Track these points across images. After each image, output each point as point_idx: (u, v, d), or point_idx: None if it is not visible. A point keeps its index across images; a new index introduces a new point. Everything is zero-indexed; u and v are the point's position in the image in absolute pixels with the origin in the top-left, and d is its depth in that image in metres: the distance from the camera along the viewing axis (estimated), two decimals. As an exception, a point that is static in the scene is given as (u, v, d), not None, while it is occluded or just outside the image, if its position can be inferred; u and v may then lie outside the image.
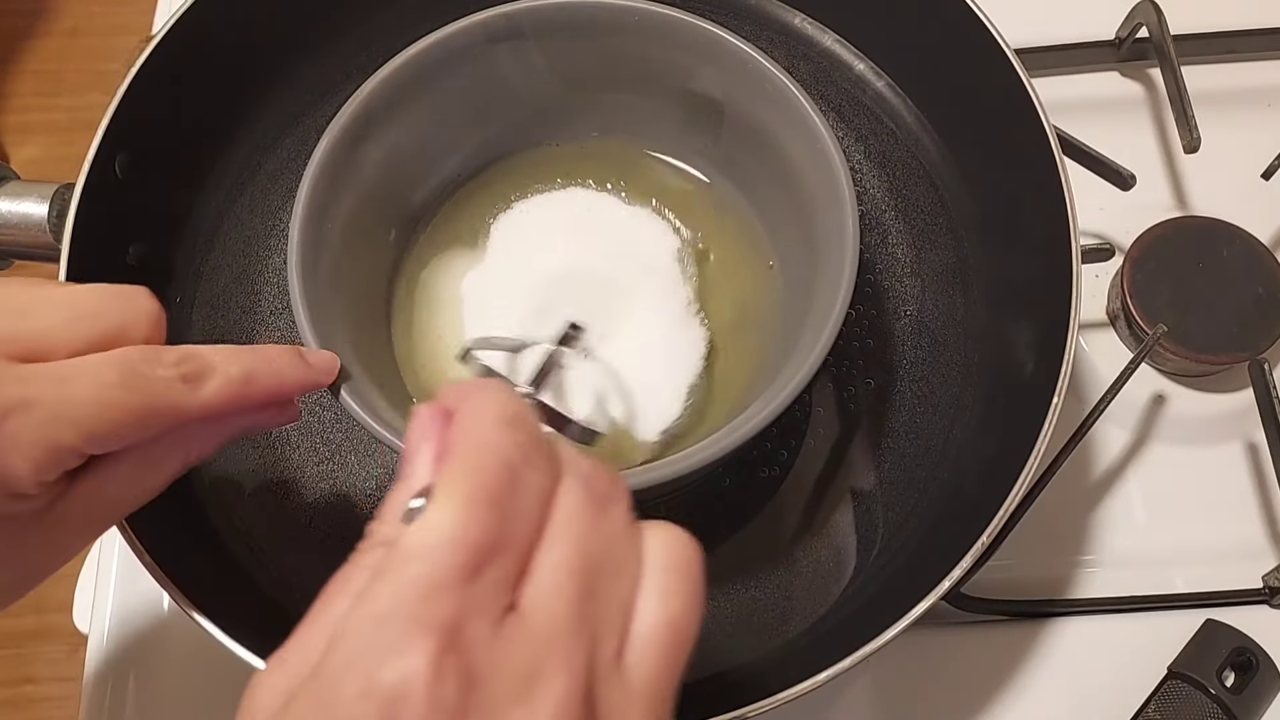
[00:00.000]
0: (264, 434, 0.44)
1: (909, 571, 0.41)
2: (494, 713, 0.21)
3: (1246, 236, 0.51)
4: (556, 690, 0.21)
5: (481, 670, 0.21)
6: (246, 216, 0.47)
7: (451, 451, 0.23)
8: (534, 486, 0.23)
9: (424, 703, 0.20)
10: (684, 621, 0.24)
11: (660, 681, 0.23)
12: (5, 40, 1.19)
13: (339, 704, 0.20)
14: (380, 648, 0.21)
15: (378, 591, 0.21)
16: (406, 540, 0.22)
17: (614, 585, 0.23)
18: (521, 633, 0.22)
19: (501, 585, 0.22)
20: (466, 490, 0.22)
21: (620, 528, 0.24)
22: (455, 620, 0.21)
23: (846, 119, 0.48)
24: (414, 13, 0.44)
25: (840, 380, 0.44)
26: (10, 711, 0.95)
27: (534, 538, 0.23)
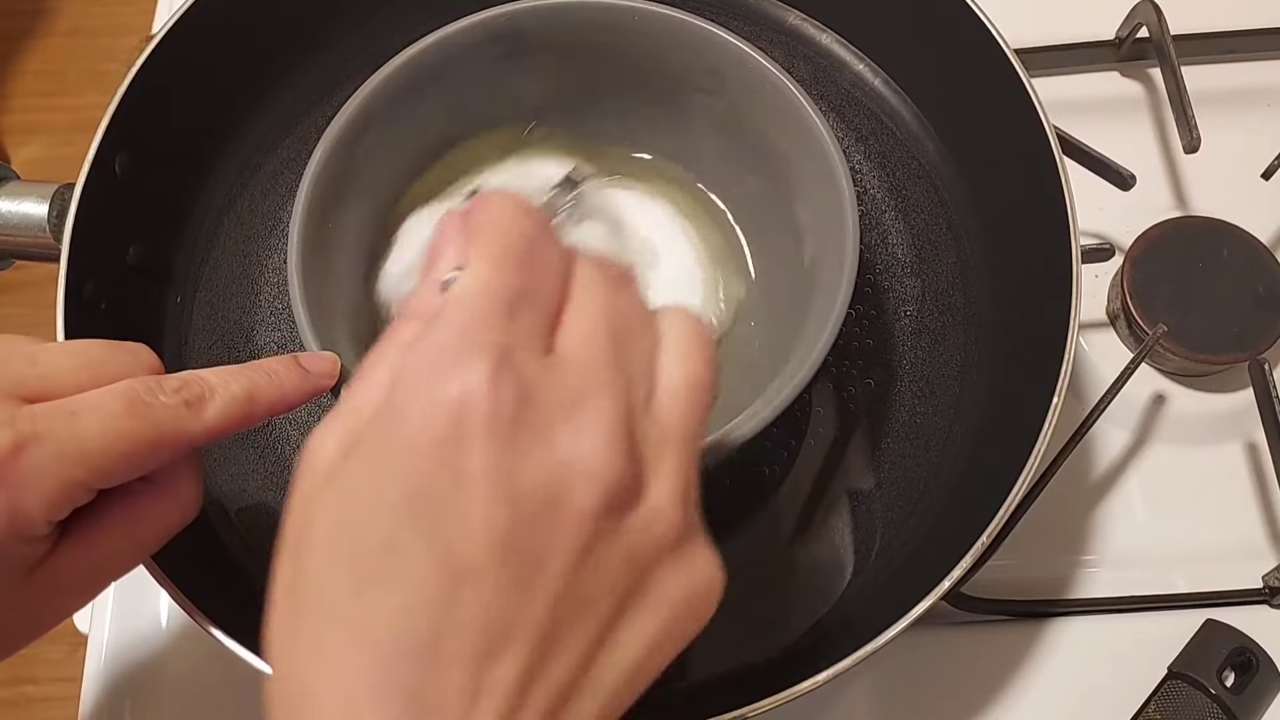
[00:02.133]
0: (264, 434, 0.44)
1: (909, 571, 0.41)
2: (547, 426, 0.23)
3: (1246, 236, 0.51)
4: (601, 412, 0.24)
5: (532, 390, 0.23)
6: (246, 216, 0.47)
7: (478, 232, 0.26)
8: (553, 257, 0.26)
9: (486, 408, 0.23)
10: (704, 380, 0.26)
11: (688, 426, 0.26)
12: (5, 40, 1.19)
13: (409, 421, 0.23)
14: (442, 369, 0.23)
15: (431, 332, 0.24)
16: (449, 295, 0.25)
17: (637, 344, 0.26)
18: (562, 368, 0.24)
19: (538, 328, 0.25)
20: (494, 253, 0.25)
21: (636, 300, 0.27)
22: (504, 345, 0.24)
23: (846, 119, 0.48)
24: (414, 13, 0.44)
25: (840, 380, 0.44)
26: (10, 711, 0.95)
27: (560, 300, 0.26)
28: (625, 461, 0.24)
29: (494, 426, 0.23)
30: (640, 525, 0.24)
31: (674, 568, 0.25)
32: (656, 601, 0.25)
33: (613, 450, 0.23)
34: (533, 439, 0.23)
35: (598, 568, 0.23)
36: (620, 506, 0.24)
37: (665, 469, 0.25)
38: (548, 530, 0.23)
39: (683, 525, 0.25)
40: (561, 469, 0.23)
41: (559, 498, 0.23)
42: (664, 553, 0.25)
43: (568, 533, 0.23)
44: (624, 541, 0.24)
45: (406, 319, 0.26)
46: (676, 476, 0.25)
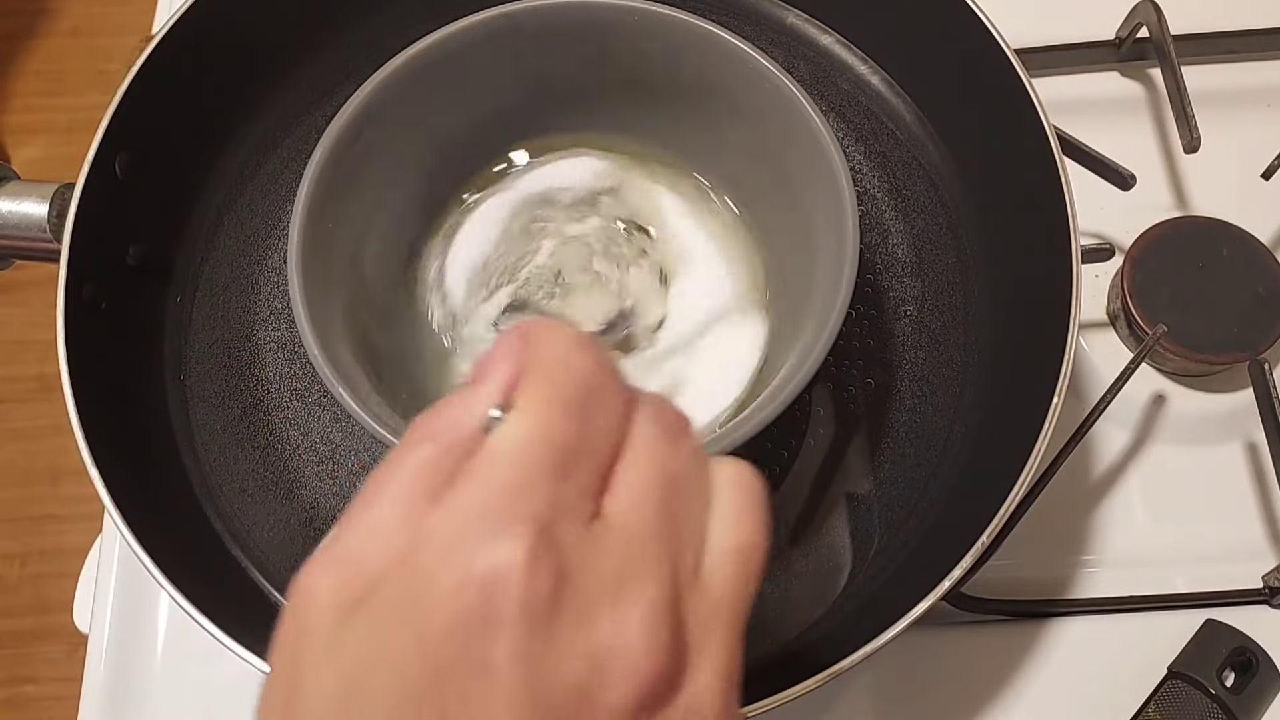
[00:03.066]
0: (264, 434, 0.44)
1: (909, 571, 0.41)
2: (586, 609, 0.21)
3: (1246, 236, 0.51)
4: (647, 593, 0.22)
5: (573, 568, 0.21)
6: (246, 216, 0.47)
7: (532, 368, 0.23)
8: (612, 405, 0.24)
9: (520, 593, 0.20)
10: (755, 547, 0.24)
11: (738, 597, 0.24)
12: (5, 40, 1.19)
13: (433, 595, 0.21)
14: (474, 540, 0.21)
15: (466, 489, 0.22)
16: (492, 443, 0.22)
17: (689, 506, 0.24)
18: (609, 538, 0.22)
19: (587, 491, 0.23)
20: (550, 398, 0.23)
21: (692, 455, 0.25)
22: (547, 517, 0.21)
23: (846, 119, 0.48)
24: (414, 13, 0.44)
25: (840, 380, 0.44)
26: (10, 711, 0.95)
27: (614, 454, 0.23)
28: (667, 652, 0.21)
29: (527, 613, 0.20)
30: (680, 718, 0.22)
31: None
32: None
33: (655, 641, 0.21)
34: (569, 626, 0.21)
35: None
36: (659, 701, 0.21)
37: (710, 652, 0.22)
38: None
39: (722, 715, 0.23)
40: (597, 661, 0.21)
41: (592, 693, 0.21)
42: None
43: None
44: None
45: (427, 441, 0.23)
46: (721, 661, 0.23)
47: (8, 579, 0.98)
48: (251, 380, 0.45)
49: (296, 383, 0.45)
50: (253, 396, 0.44)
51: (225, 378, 0.45)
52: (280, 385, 0.45)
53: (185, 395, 0.44)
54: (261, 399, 0.44)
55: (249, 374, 0.45)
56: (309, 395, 0.44)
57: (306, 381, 0.44)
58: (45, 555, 0.98)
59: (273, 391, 0.45)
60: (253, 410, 0.44)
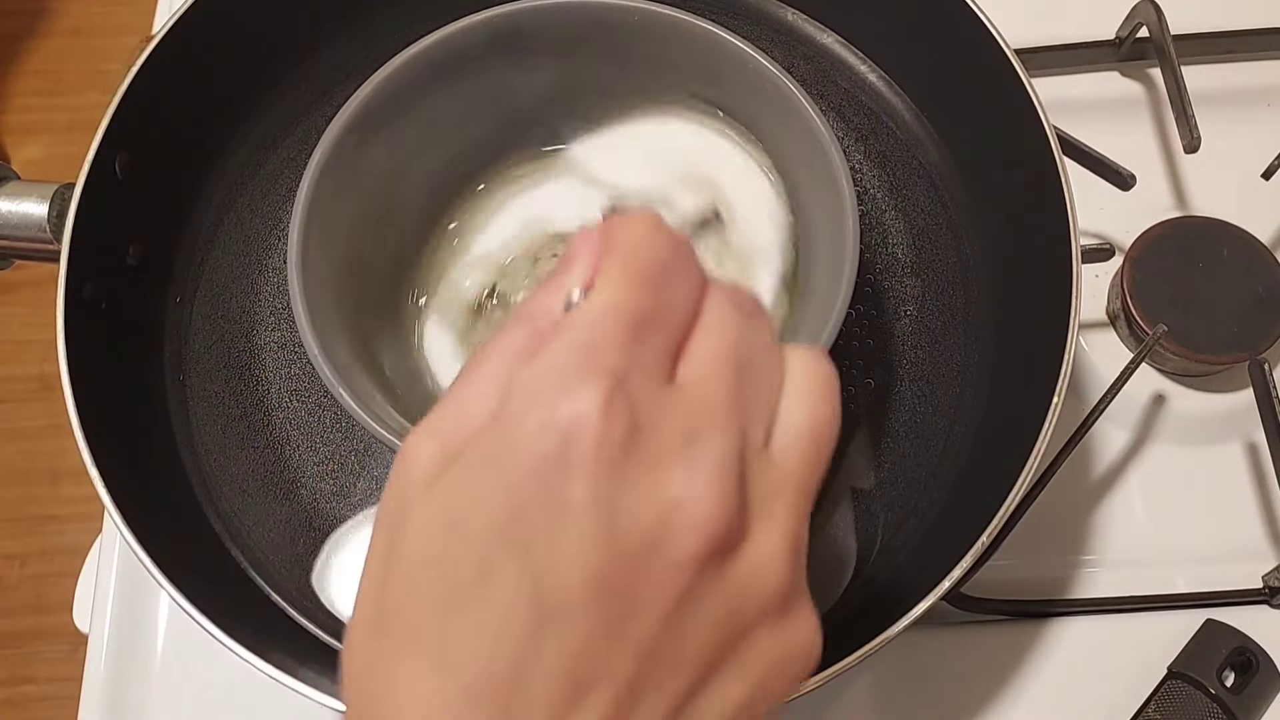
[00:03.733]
0: (264, 434, 0.44)
1: (909, 571, 0.41)
2: (656, 460, 0.22)
3: (1246, 236, 0.51)
4: (714, 451, 0.23)
5: (645, 420, 0.22)
6: (246, 216, 0.47)
7: (610, 250, 0.25)
8: (686, 282, 0.25)
9: (595, 436, 0.22)
10: (827, 428, 0.25)
11: (804, 476, 0.24)
12: (5, 40, 1.19)
13: (516, 441, 0.22)
14: (555, 390, 0.22)
15: (549, 350, 0.23)
16: (573, 313, 0.24)
17: (760, 383, 0.25)
18: (681, 399, 0.23)
19: (661, 354, 0.24)
20: (626, 273, 0.24)
21: (765, 336, 0.26)
22: (624, 371, 0.23)
23: (846, 119, 0.48)
24: (414, 12, 0.44)
25: (840, 380, 0.44)
26: (10, 711, 0.95)
27: (688, 326, 0.25)
28: (734, 508, 0.22)
29: (601, 456, 0.22)
30: (743, 579, 0.23)
31: (772, 629, 0.24)
32: (749, 663, 0.23)
33: (722, 494, 0.22)
34: (640, 473, 0.22)
35: (693, 620, 0.22)
36: (724, 555, 0.22)
37: (776, 519, 0.23)
38: (645, 574, 0.22)
39: (788, 583, 0.24)
40: (666, 509, 0.22)
41: (660, 539, 0.22)
42: (764, 612, 0.23)
43: (666, 579, 0.22)
44: (724, 595, 0.23)
45: (520, 323, 0.25)
46: (786, 528, 0.24)
47: (8, 579, 0.98)
48: (251, 380, 0.45)
49: (296, 383, 0.45)
50: (253, 396, 0.44)
51: (225, 378, 0.45)
52: (280, 385, 0.45)
53: (185, 395, 0.44)
54: (261, 399, 0.44)
55: (249, 374, 0.45)
56: (309, 395, 0.44)
57: (306, 381, 0.44)
58: (45, 555, 0.99)
59: (273, 391, 0.45)
60: (253, 410, 0.44)
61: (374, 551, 0.24)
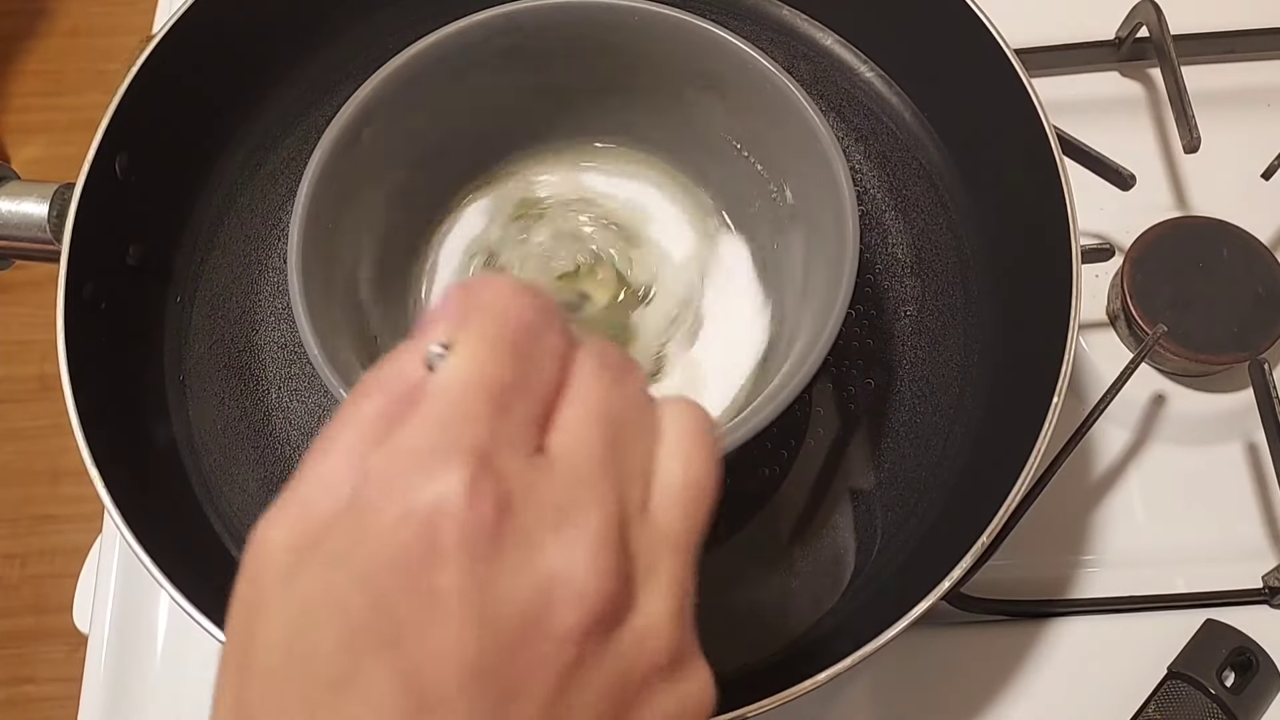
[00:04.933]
0: (264, 434, 0.44)
1: (909, 571, 0.41)
2: (529, 537, 0.21)
3: (1246, 236, 0.51)
4: (590, 521, 0.22)
5: (515, 497, 0.21)
6: (246, 216, 0.47)
7: (472, 310, 0.24)
8: (553, 345, 0.24)
9: (462, 520, 0.20)
10: (705, 482, 0.24)
11: (687, 533, 0.24)
12: (5, 40, 1.19)
13: (376, 531, 0.21)
14: (414, 474, 0.21)
15: (406, 428, 0.22)
16: (433, 381, 0.23)
17: (635, 443, 0.24)
18: (553, 470, 0.22)
19: (527, 424, 0.23)
20: (490, 336, 0.23)
21: (637, 394, 0.25)
22: (488, 447, 0.21)
23: (846, 119, 0.48)
24: (414, 13, 0.44)
25: (840, 380, 0.44)
26: (10, 711, 0.95)
27: (555, 392, 0.24)
28: (614, 576, 0.22)
29: (471, 540, 0.20)
30: (631, 645, 0.22)
31: (665, 688, 0.23)
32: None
33: (602, 564, 0.21)
34: (513, 554, 0.21)
35: (581, 693, 0.21)
36: (608, 626, 0.22)
37: (660, 581, 0.23)
38: (527, 655, 0.21)
39: (677, 642, 0.23)
40: (544, 587, 0.21)
41: (540, 619, 0.21)
42: (654, 673, 0.22)
43: (549, 657, 0.21)
44: (611, 664, 0.22)
45: (373, 390, 0.23)
46: (671, 589, 0.23)
47: (8, 579, 0.98)
48: (251, 380, 0.45)
49: (296, 383, 0.45)
50: (253, 396, 0.44)
51: (225, 378, 0.45)
52: (280, 385, 0.45)
53: (185, 395, 0.44)
54: (261, 399, 0.44)
55: (249, 374, 0.45)
56: (309, 395, 0.44)
57: (306, 381, 0.44)
58: (45, 555, 0.99)
59: (273, 391, 0.45)
60: (253, 410, 0.44)
61: (230, 650, 0.23)
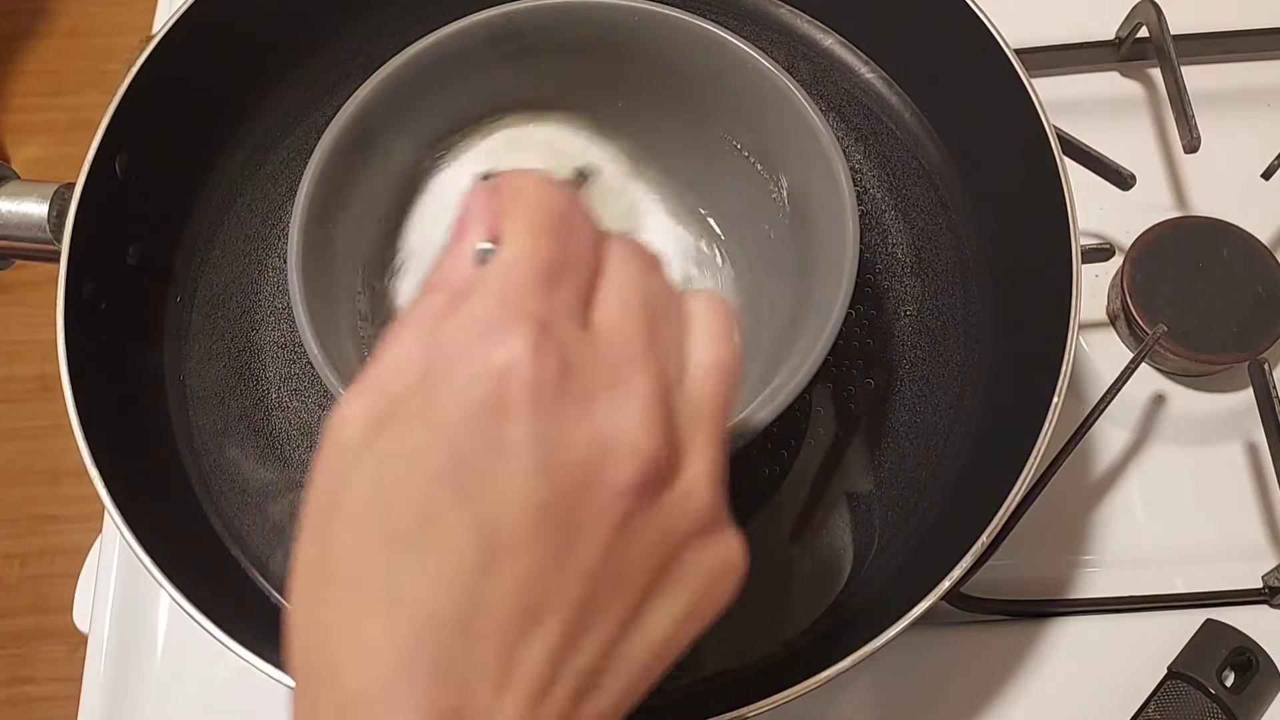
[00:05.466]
0: (264, 434, 0.44)
1: (909, 571, 0.41)
2: (588, 397, 0.23)
3: (1246, 236, 0.51)
4: (641, 387, 0.24)
5: (573, 361, 0.23)
6: (246, 216, 0.47)
7: (508, 206, 0.26)
8: (587, 233, 0.26)
9: (528, 378, 0.23)
10: (731, 363, 0.26)
11: (718, 407, 0.26)
12: (5, 40, 1.19)
13: (450, 390, 0.23)
14: (484, 338, 0.23)
15: (470, 303, 0.24)
16: (490, 264, 0.25)
17: (668, 325, 0.26)
18: (600, 341, 0.24)
19: (576, 300, 0.25)
20: (531, 225, 0.25)
21: (665, 281, 0.27)
22: (547, 316, 0.23)
23: (846, 119, 0.48)
24: (414, 13, 0.44)
25: (840, 380, 0.44)
26: (10, 711, 0.95)
27: (594, 275, 0.26)
28: (664, 438, 0.24)
29: (537, 396, 0.23)
30: (675, 503, 0.24)
31: (702, 548, 0.25)
32: (684, 582, 0.25)
33: (652, 426, 0.23)
34: (574, 411, 0.23)
35: (632, 545, 0.23)
36: (658, 483, 0.24)
37: (698, 448, 0.25)
38: (586, 505, 0.23)
39: (713, 505, 0.25)
40: (602, 443, 0.23)
41: (599, 472, 0.23)
42: (694, 532, 0.25)
43: (606, 508, 0.23)
44: (659, 519, 0.24)
45: (433, 290, 0.25)
46: (708, 456, 0.25)
47: (8, 579, 0.98)
48: (251, 380, 0.45)
49: (296, 383, 0.45)
50: (253, 396, 0.44)
51: (225, 378, 0.45)
52: (280, 385, 0.45)
53: (185, 395, 0.44)
54: (261, 399, 0.44)
55: (249, 374, 0.45)
56: (309, 395, 0.44)
57: (306, 381, 0.44)
58: (45, 555, 0.99)
59: (273, 391, 0.45)
60: (253, 410, 0.44)
61: (312, 510, 0.24)
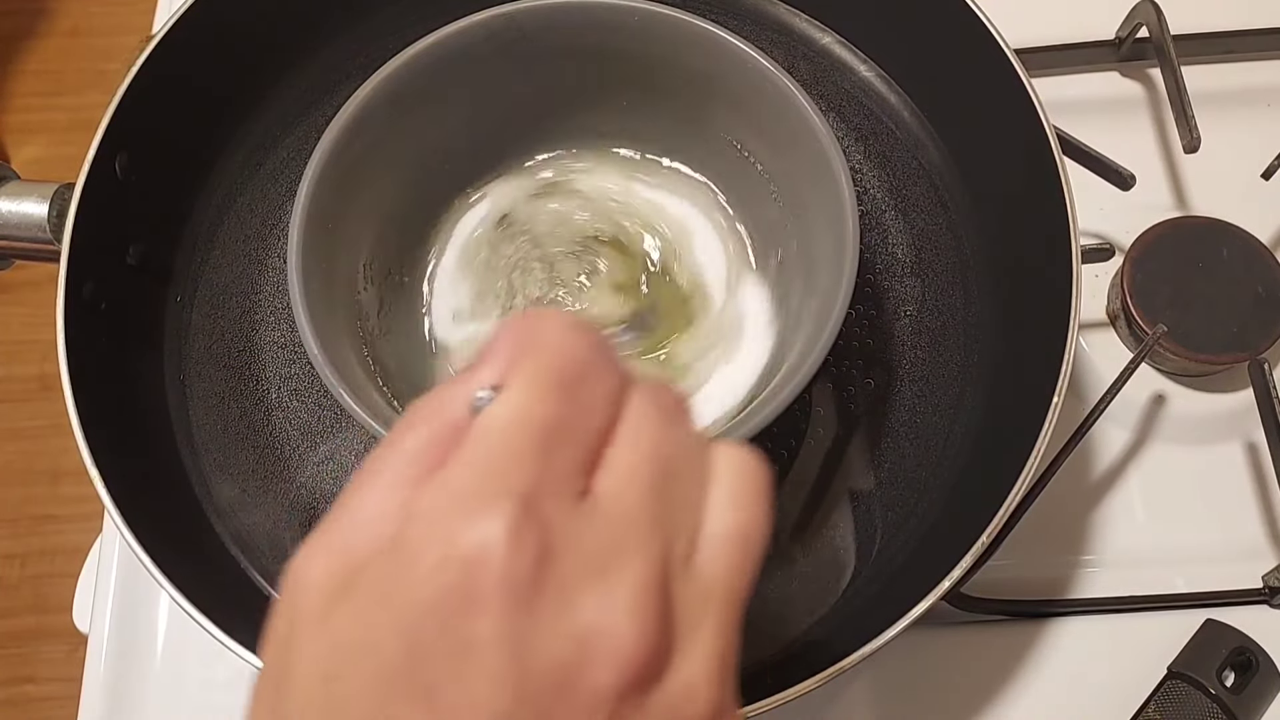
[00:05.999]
0: (264, 434, 0.44)
1: (909, 571, 0.41)
2: (570, 587, 0.21)
3: (1246, 236, 0.51)
4: (633, 574, 0.21)
5: (558, 545, 0.21)
6: (246, 216, 0.47)
7: (523, 348, 0.23)
8: (604, 384, 0.23)
9: (501, 569, 0.20)
10: (754, 531, 0.24)
11: (732, 585, 0.23)
12: (5, 40, 1.19)
13: (415, 574, 0.21)
14: (456, 517, 0.21)
15: (451, 469, 0.22)
16: (479, 422, 0.22)
17: (684, 489, 0.23)
18: (597, 516, 0.22)
19: (575, 468, 0.22)
20: (539, 376, 0.22)
21: (689, 437, 0.24)
22: (532, 492, 0.21)
23: (846, 119, 0.48)
24: (414, 13, 0.44)
25: (840, 380, 0.44)
26: (10, 711, 0.95)
27: (605, 434, 0.23)
28: (655, 634, 0.21)
29: (509, 589, 0.20)
30: (666, 706, 0.21)
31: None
32: None
33: (643, 621, 0.21)
34: (552, 604, 0.20)
35: None
36: (645, 685, 0.21)
37: (702, 638, 0.22)
38: (561, 712, 0.20)
39: (715, 705, 0.22)
40: (581, 641, 0.20)
41: (576, 675, 0.20)
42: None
43: (583, 716, 0.20)
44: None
45: (419, 424, 0.23)
46: (713, 646, 0.22)
47: (8, 579, 0.98)
48: (251, 380, 0.45)
49: (296, 383, 0.45)
50: (253, 396, 0.44)
51: (225, 378, 0.45)
52: (280, 385, 0.45)
53: (185, 395, 0.44)
54: (261, 399, 0.44)
55: (249, 374, 0.45)
56: (309, 395, 0.44)
57: (306, 381, 0.44)
58: (45, 555, 0.99)
59: (272, 391, 0.45)
60: (253, 410, 0.44)
61: (264, 683, 0.22)
